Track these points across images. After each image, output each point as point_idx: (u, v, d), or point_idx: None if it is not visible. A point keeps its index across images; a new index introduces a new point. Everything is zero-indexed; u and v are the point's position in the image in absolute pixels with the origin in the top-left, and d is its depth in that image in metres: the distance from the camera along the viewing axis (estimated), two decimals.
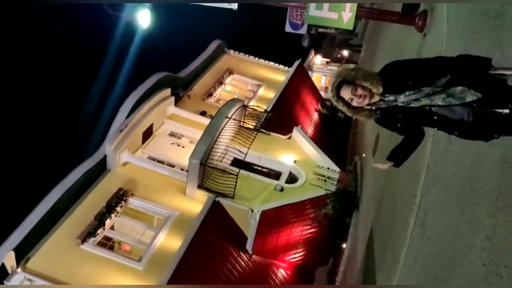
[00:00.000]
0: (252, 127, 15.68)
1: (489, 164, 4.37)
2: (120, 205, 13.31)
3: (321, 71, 27.53)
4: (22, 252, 11.62)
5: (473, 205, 4.60)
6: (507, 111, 2.65)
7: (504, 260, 3.76)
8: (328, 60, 28.73)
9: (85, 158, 14.24)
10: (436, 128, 2.84)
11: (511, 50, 4.36)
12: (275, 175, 14.76)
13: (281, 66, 22.36)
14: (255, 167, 15.02)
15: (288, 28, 24.54)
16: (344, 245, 13.66)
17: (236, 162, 14.25)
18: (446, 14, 7.38)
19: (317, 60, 28.09)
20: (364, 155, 14.78)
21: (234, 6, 9.73)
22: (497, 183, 4.16)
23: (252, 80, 21.00)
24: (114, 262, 12.12)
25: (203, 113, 17.15)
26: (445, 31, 6.76)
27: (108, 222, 12.88)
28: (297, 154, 15.19)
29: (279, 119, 16.65)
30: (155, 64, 18.33)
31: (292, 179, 14.66)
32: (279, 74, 21.55)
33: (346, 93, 2.87)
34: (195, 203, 13.66)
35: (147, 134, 15.81)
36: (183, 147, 16.11)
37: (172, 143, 16.31)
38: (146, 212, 13.89)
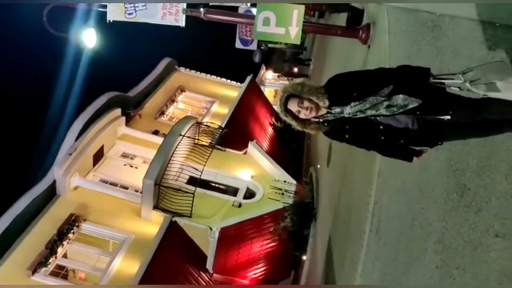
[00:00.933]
0: (207, 144, 15.56)
1: (436, 168, 4.52)
2: (72, 231, 12.77)
3: (273, 86, 27.86)
4: None
5: (423, 209, 4.72)
6: (448, 117, 2.74)
7: (456, 261, 3.87)
8: (279, 74, 29.13)
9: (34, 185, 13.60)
10: (382, 138, 2.89)
11: (449, 57, 4.56)
12: (233, 191, 14.65)
13: (233, 82, 22.45)
14: (212, 184, 14.87)
15: (238, 45, 24.90)
16: (304, 257, 13.70)
17: (192, 180, 14.05)
18: (387, 27, 7.66)
19: (269, 75, 28.42)
20: (318, 166, 14.98)
21: (182, 23, 9.68)
22: (444, 187, 4.30)
23: (205, 97, 20.93)
24: None
25: (155, 132, 16.87)
26: (387, 42, 7.01)
27: (60, 250, 12.30)
28: (253, 169, 15.19)
29: (234, 134, 16.62)
30: (104, 85, 17.89)
31: (250, 194, 14.61)
32: (232, 90, 21.61)
33: (293, 106, 2.88)
34: (151, 224, 13.32)
35: (98, 156, 15.34)
36: (136, 168, 15.74)
37: (125, 164, 15.89)
38: (100, 237, 13.39)
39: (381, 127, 2.81)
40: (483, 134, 3.03)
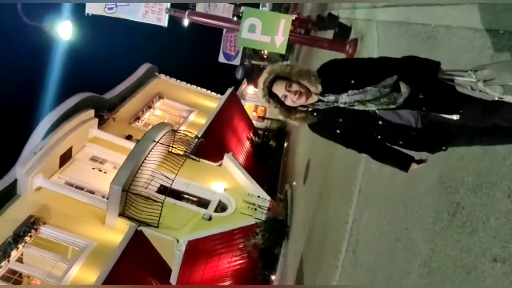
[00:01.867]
0: (181, 152, 15.03)
1: (425, 185, 4.17)
2: (29, 234, 11.99)
3: (254, 101, 27.57)
4: None
5: (408, 229, 4.36)
6: (456, 117, 2.38)
7: (444, 287, 3.49)
8: None
9: None
10: (379, 136, 2.49)
11: (446, 66, 4.26)
12: (204, 203, 14.12)
13: (214, 93, 22.06)
14: (183, 194, 14.30)
15: (221, 59, 24.61)
16: (273, 277, 13.20)
17: (163, 189, 13.47)
18: (376, 40, 7.44)
19: (250, 90, 28.16)
20: (294, 183, 14.63)
21: (164, 23, 9.28)
22: (434, 205, 3.95)
23: (183, 106, 20.44)
24: None
25: (129, 137, 16.27)
26: (376, 54, 6.74)
27: (14, 254, 11.49)
28: (227, 181, 14.70)
29: (210, 145, 16.16)
30: (81, 83, 17.22)
31: (221, 207, 14.10)
32: (211, 101, 21.21)
33: (279, 89, 2.43)
34: (115, 232, 12.64)
35: (66, 157, 14.62)
36: (105, 172, 15.06)
37: (93, 168, 15.20)
38: (59, 242, 12.61)
39: (379, 122, 2.41)
40: (490, 141, 2.68)
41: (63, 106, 14.69)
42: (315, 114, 2.51)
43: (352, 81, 2.36)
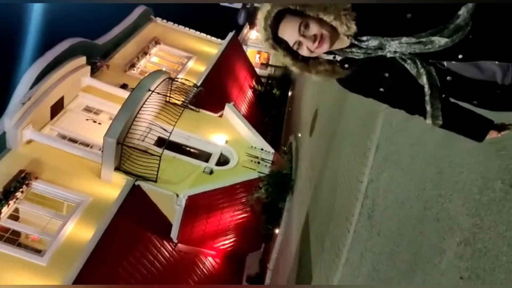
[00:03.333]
0: (179, 103, 14.16)
1: (467, 144, 3.35)
2: (21, 190, 11.40)
3: (256, 46, 26.20)
4: None
5: (443, 197, 3.58)
6: None
7: (495, 276, 2.75)
8: None
9: None
10: (443, 95, 1.64)
11: None
12: (205, 156, 13.42)
13: (214, 38, 20.79)
14: (183, 147, 13.59)
15: (223, 1, 23.02)
16: (277, 231, 12.73)
17: (161, 142, 12.75)
18: None
19: (252, 34, 26.68)
20: (299, 134, 13.86)
21: None
22: (481, 171, 3.15)
23: (181, 52, 19.28)
24: (12, 257, 10.31)
25: (123, 86, 15.34)
26: None
27: (5, 210, 10.96)
28: (229, 133, 13.93)
29: (210, 94, 15.25)
30: (67, 29, 16.02)
31: (223, 160, 13.42)
32: (211, 47, 20.00)
33: (289, 32, 1.61)
34: (112, 187, 12.04)
35: (57, 108, 13.79)
36: (100, 123, 14.29)
37: (87, 119, 14.41)
38: (53, 198, 12.06)
39: (448, 78, 1.58)
40: None
41: (51, 53, 13.69)
42: (346, 66, 1.69)
43: (409, 15, 1.51)
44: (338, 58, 1.73)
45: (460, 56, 1.53)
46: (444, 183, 3.60)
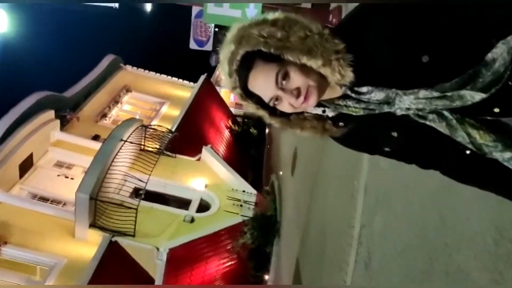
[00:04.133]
0: (155, 150, 13.68)
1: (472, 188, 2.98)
2: None
3: None
4: None
5: (449, 247, 3.18)
6: None
7: None
8: None
9: None
10: (467, 150, 1.23)
11: None
12: (185, 203, 12.87)
13: (186, 82, 20.59)
14: (161, 196, 13.02)
15: (192, 45, 22.99)
16: (266, 277, 12.10)
17: (137, 193, 12.17)
18: None
19: None
20: (281, 173, 13.46)
21: (115, 4, 7.89)
22: (491, 218, 2.78)
23: (154, 98, 18.98)
24: None
25: (95, 137, 14.84)
26: None
27: None
28: (208, 177, 13.46)
29: (186, 138, 14.84)
30: (32, 83, 15.51)
31: (204, 206, 12.87)
32: (184, 91, 19.77)
33: (263, 86, 1.19)
34: (87, 246, 11.34)
35: (26, 165, 13.17)
36: (72, 178, 13.66)
37: (59, 175, 13.78)
38: (25, 262, 11.25)
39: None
40: None
41: (18, 108, 13.22)
42: (341, 124, 1.30)
43: (425, 58, 1.10)
44: (330, 113, 1.33)
45: (496, 110, 1.13)
46: (449, 231, 3.21)
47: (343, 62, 1.14)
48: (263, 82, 1.19)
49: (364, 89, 1.20)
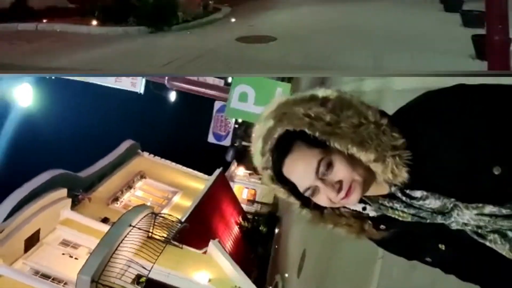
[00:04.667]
0: (162, 238, 13.57)
1: None
2: None
3: (243, 183, 26.40)
4: None
5: None
6: None
7: None
8: (251, 172, 27.87)
9: None
10: None
11: None
12: None
13: (201, 174, 20.93)
14: (163, 285, 12.62)
15: (211, 139, 23.69)
16: None
17: (138, 280, 11.85)
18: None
19: (240, 171, 27.10)
20: (286, 275, 13.08)
21: (140, 88, 8.41)
22: None
23: (167, 186, 19.18)
24: None
25: (105, 220, 14.82)
26: None
27: None
28: (212, 271, 13.12)
29: (195, 230, 14.78)
30: (48, 159, 15.89)
31: None
32: (198, 182, 20.01)
33: (301, 173, 1.09)
34: None
35: (32, 241, 13.11)
36: (76, 258, 13.44)
37: (64, 254, 13.61)
38: None
39: None
40: None
41: (31, 184, 13.45)
42: (382, 227, 1.17)
43: (497, 170, 0.96)
44: (371, 212, 1.19)
45: None
46: None
47: (399, 160, 1.01)
48: (302, 169, 1.07)
49: (417, 193, 1.07)
